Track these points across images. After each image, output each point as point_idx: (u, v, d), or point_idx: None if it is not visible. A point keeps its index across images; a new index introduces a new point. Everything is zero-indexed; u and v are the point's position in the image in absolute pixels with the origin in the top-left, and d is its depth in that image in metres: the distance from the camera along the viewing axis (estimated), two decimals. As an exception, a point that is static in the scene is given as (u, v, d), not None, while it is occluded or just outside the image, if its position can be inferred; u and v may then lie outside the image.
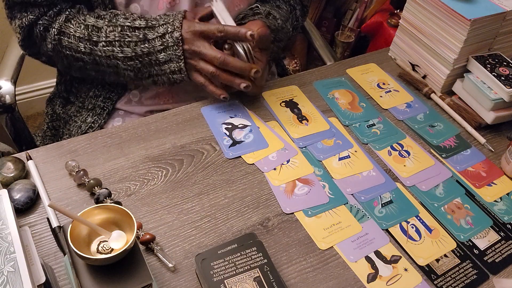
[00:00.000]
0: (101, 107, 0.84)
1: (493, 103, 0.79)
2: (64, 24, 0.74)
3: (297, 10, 0.91)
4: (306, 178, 0.69)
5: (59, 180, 0.64)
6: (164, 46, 0.71)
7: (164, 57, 0.72)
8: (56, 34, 0.74)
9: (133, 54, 0.72)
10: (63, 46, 0.75)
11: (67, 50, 0.75)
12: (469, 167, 0.75)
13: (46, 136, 0.92)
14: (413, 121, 0.81)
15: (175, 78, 0.74)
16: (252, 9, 0.82)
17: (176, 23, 0.71)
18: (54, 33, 0.74)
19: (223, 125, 0.75)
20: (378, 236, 0.63)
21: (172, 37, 0.71)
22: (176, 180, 0.66)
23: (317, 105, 0.82)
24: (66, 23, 0.74)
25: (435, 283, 0.59)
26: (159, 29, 0.72)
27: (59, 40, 0.74)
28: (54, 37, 0.74)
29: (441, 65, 0.86)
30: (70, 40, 0.74)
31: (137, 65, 0.74)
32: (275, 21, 0.82)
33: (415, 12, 0.88)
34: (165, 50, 0.71)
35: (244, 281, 0.53)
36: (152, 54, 0.72)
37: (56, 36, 0.74)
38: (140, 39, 0.72)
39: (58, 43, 0.75)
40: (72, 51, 0.75)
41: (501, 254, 0.63)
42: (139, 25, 0.72)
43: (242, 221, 0.63)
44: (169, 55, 0.72)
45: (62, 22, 0.74)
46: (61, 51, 0.76)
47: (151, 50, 0.72)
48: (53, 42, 0.75)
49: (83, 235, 0.47)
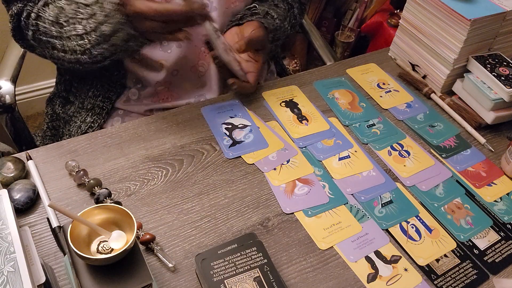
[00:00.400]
0: (100, 107, 0.83)
1: (493, 103, 0.79)
2: (42, 8, 0.71)
3: (295, 8, 0.91)
4: (306, 178, 0.69)
5: (59, 180, 0.64)
6: (106, 15, 0.65)
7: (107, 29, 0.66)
8: (34, 18, 0.71)
9: (83, 31, 0.67)
10: (41, 32, 0.71)
11: (43, 35, 0.71)
12: (469, 167, 0.75)
13: (46, 136, 0.92)
14: (413, 121, 0.81)
15: (132, 45, 0.68)
16: (250, 9, 0.82)
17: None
18: (32, 18, 0.71)
19: (223, 125, 0.75)
20: (378, 236, 0.63)
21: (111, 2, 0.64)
22: (176, 180, 0.66)
23: (317, 105, 0.82)
24: (44, 7, 0.71)
25: (435, 283, 0.59)
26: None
27: (36, 25, 0.71)
28: (32, 22, 0.71)
29: (441, 65, 0.86)
30: (45, 24, 0.70)
31: (86, 45, 0.68)
32: (273, 20, 0.82)
33: (415, 12, 0.88)
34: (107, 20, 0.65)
35: (244, 281, 0.53)
36: (97, 28, 0.66)
37: (34, 21, 0.71)
38: (90, 15, 0.66)
39: (36, 28, 0.71)
40: (48, 36, 0.71)
41: (501, 254, 0.63)
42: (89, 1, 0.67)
43: (242, 221, 0.63)
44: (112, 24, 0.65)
45: (40, 6, 0.71)
46: (40, 38, 0.72)
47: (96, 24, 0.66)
48: (31, 28, 0.71)
49: (83, 235, 0.47)
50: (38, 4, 0.71)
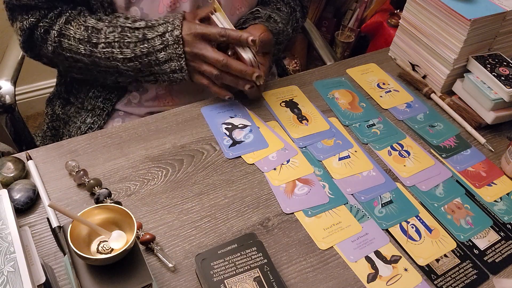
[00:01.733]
0: (100, 108, 0.83)
1: (493, 103, 0.79)
2: (64, 26, 0.74)
3: (297, 12, 0.91)
4: (306, 178, 0.69)
5: (59, 180, 0.64)
6: (164, 45, 0.71)
7: (164, 57, 0.72)
8: (56, 36, 0.74)
9: (132, 55, 0.72)
10: (64, 48, 0.75)
11: (67, 52, 0.75)
12: (469, 167, 0.75)
13: (46, 136, 0.92)
14: (413, 121, 0.81)
15: (176, 77, 0.74)
16: (253, 13, 0.82)
17: (176, 22, 0.71)
18: (54, 35, 0.74)
19: (223, 125, 0.75)
20: (378, 236, 0.63)
21: (172, 35, 0.71)
22: (176, 180, 0.66)
23: (317, 105, 0.82)
24: (66, 25, 0.74)
25: (435, 283, 0.59)
26: (159, 28, 0.71)
27: (59, 42, 0.74)
28: (55, 39, 0.74)
29: (441, 65, 0.86)
30: (70, 42, 0.74)
31: (136, 66, 0.73)
32: (276, 24, 0.82)
33: (415, 12, 0.88)
34: (165, 49, 0.71)
35: (244, 281, 0.53)
36: (151, 54, 0.72)
37: (56, 38, 0.74)
38: (140, 39, 0.71)
39: (59, 45, 0.74)
40: (72, 53, 0.75)
41: (501, 254, 0.63)
42: (139, 26, 0.72)
43: (242, 221, 0.63)
44: (169, 54, 0.71)
45: (62, 24, 0.74)
46: (61, 53, 0.75)
47: (151, 50, 0.71)
48: (53, 44, 0.74)
49: (83, 235, 0.47)
50: (58, 21, 0.74)
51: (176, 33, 0.70)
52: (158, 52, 0.72)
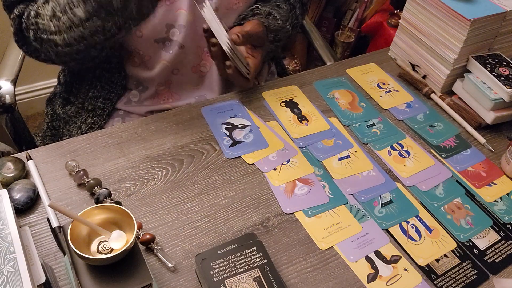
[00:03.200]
0: (101, 108, 0.83)
1: (493, 103, 0.79)
2: (41, 5, 0.68)
3: (296, 9, 0.91)
4: (306, 178, 0.69)
5: (59, 180, 0.64)
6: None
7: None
8: (33, 16, 0.68)
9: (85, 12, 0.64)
10: (41, 30, 0.68)
11: (43, 33, 0.68)
12: (469, 167, 0.75)
13: (46, 136, 0.92)
14: (413, 121, 0.81)
15: (146, 5, 0.66)
16: (253, 9, 0.82)
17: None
18: (32, 16, 0.68)
19: (223, 125, 0.75)
20: (378, 236, 0.63)
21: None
22: (176, 180, 0.66)
23: (317, 105, 0.82)
24: (44, 4, 0.68)
25: (435, 283, 0.59)
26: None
27: (36, 24, 0.68)
28: (32, 21, 0.69)
29: (441, 65, 0.86)
30: (44, 21, 0.67)
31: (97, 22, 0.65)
32: (276, 21, 0.82)
33: (415, 12, 0.88)
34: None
35: (244, 281, 0.53)
36: None
37: (33, 20, 0.68)
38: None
39: (37, 27, 0.68)
40: (47, 34, 0.68)
41: (501, 254, 0.63)
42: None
43: (242, 221, 0.63)
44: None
45: (40, 4, 0.69)
46: (41, 37, 0.69)
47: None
48: (32, 27, 0.69)
49: (83, 235, 0.47)
50: (38, 2, 0.69)
51: None
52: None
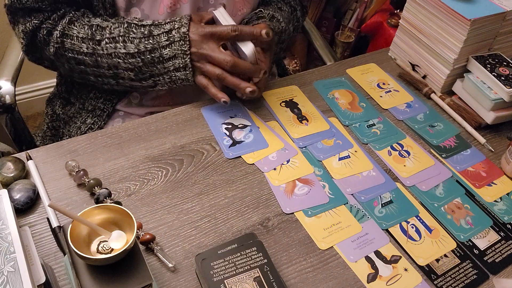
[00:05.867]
0: (101, 109, 0.83)
1: (493, 103, 0.79)
2: (67, 26, 0.73)
3: (297, 11, 0.91)
4: (306, 178, 0.69)
5: (59, 180, 0.64)
6: (170, 41, 0.70)
7: (168, 53, 0.70)
8: (59, 36, 0.73)
9: (135, 50, 0.71)
10: (66, 48, 0.74)
11: (69, 52, 0.74)
12: (469, 167, 0.75)
13: (46, 136, 0.92)
14: (413, 121, 0.81)
15: (178, 76, 0.72)
16: (256, 13, 0.83)
17: (183, 20, 0.71)
18: (57, 36, 0.73)
19: (223, 125, 0.75)
20: (378, 236, 0.63)
21: (179, 32, 0.70)
22: (176, 180, 0.66)
23: (317, 105, 0.82)
24: (69, 25, 0.73)
25: (435, 283, 0.59)
26: (166, 25, 0.71)
27: (61, 42, 0.73)
28: (57, 40, 0.73)
29: (441, 65, 0.86)
30: (73, 41, 0.73)
31: (138, 64, 0.72)
32: (279, 24, 0.83)
33: (415, 12, 0.88)
34: (170, 45, 0.70)
35: (244, 281, 0.53)
36: (156, 50, 0.70)
37: (59, 39, 0.73)
38: (145, 35, 0.70)
39: (61, 46, 0.74)
40: (74, 53, 0.74)
41: (501, 254, 0.63)
42: (146, 23, 0.71)
43: (242, 221, 0.63)
44: (174, 50, 0.70)
45: (65, 24, 0.73)
46: (63, 54, 0.74)
47: (155, 46, 0.70)
48: (55, 45, 0.73)
49: (83, 235, 0.47)
50: (62, 22, 0.73)
51: (183, 30, 0.70)
52: (163, 48, 0.70)
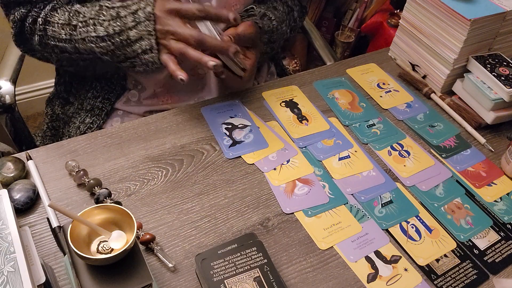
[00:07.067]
0: (99, 108, 0.83)
1: (493, 103, 0.79)
2: (50, 13, 0.72)
3: (294, 12, 0.91)
4: (306, 178, 0.69)
5: (59, 180, 0.64)
6: (136, 22, 0.67)
7: (135, 35, 0.68)
8: (42, 23, 0.71)
9: (105, 33, 0.68)
10: (48, 36, 0.72)
11: (51, 40, 0.72)
12: (469, 167, 0.75)
13: (46, 136, 0.92)
14: (413, 121, 0.81)
15: (147, 60, 0.69)
16: (247, 10, 0.82)
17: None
18: (40, 23, 0.72)
19: (223, 125, 0.75)
20: (378, 236, 0.63)
21: (144, 12, 0.67)
22: (176, 180, 0.66)
23: (317, 105, 0.82)
24: (52, 12, 0.72)
25: (435, 283, 0.59)
26: (132, 6, 0.68)
27: (44, 30, 0.72)
28: (40, 27, 0.72)
29: (441, 65, 0.86)
30: (54, 28, 0.71)
31: (110, 47, 0.69)
32: (270, 22, 0.82)
33: (415, 12, 0.88)
34: (136, 26, 0.67)
35: (244, 281, 0.53)
36: (123, 32, 0.68)
37: (41, 26, 0.72)
38: (113, 17, 0.68)
39: (44, 34, 0.72)
40: (56, 41, 0.72)
41: (501, 254, 0.63)
42: (115, 5, 0.69)
43: (242, 221, 0.63)
44: (140, 32, 0.67)
45: (48, 11, 0.72)
46: (47, 42, 0.73)
47: (122, 28, 0.68)
48: (38, 33, 0.72)
49: (83, 235, 0.47)
50: (45, 9, 0.72)
51: (148, 10, 0.67)
52: (129, 30, 0.68)
